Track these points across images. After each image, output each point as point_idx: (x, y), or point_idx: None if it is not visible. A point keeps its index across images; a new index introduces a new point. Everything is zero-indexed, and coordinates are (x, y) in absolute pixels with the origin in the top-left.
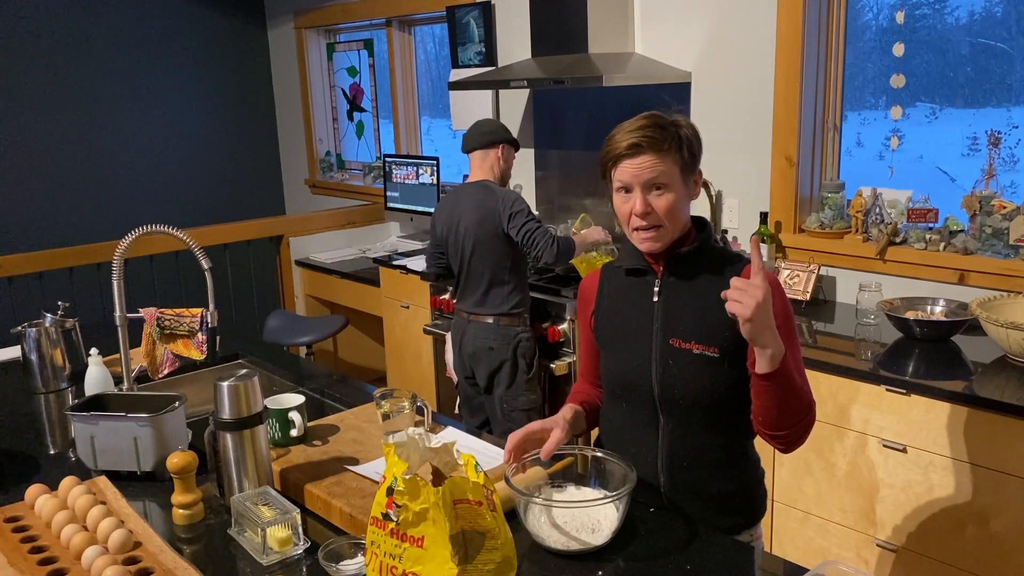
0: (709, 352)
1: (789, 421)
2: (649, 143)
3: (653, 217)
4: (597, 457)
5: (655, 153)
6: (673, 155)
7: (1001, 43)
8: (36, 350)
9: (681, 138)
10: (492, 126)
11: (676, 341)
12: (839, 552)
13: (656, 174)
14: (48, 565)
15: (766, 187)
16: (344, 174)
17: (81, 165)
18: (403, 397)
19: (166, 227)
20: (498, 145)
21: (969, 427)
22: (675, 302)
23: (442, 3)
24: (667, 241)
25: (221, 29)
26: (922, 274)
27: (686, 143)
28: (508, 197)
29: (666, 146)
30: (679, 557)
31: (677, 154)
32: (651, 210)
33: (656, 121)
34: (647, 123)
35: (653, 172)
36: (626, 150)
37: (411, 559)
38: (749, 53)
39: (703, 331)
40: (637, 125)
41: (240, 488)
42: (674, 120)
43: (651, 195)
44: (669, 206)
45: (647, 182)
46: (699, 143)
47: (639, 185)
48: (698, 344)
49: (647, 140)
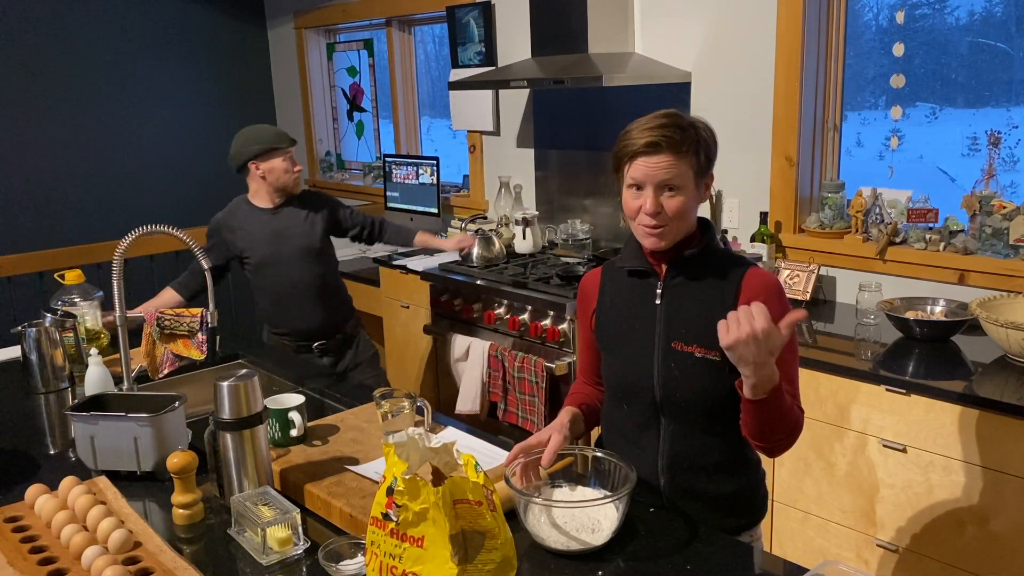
0: (711, 356)
1: (770, 438)
2: (668, 143)
3: (663, 217)
4: (597, 457)
5: (673, 154)
6: (690, 157)
7: (1001, 43)
8: (36, 350)
9: (699, 141)
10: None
11: (678, 344)
12: (839, 552)
13: (671, 175)
14: (48, 565)
15: (766, 187)
16: (344, 174)
17: (81, 165)
18: (403, 397)
19: (166, 227)
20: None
21: (969, 427)
22: (678, 305)
23: (442, 3)
24: (672, 240)
25: (221, 29)
26: (922, 274)
27: (703, 146)
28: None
29: (684, 148)
30: (679, 557)
31: (694, 157)
32: (661, 210)
33: (676, 121)
34: (667, 122)
35: (668, 173)
36: (644, 147)
37: (411, 559)
38: (749, 53)
39: (705, 335)
40: (657, 123)
41: (240, 488)
42: (692, 121)
43: (663, 195)
44: (680, 208)
45: (661, 182)
46: (715, 146)
47: (652, 184)
48: (700, 348)
49: (667, 140)
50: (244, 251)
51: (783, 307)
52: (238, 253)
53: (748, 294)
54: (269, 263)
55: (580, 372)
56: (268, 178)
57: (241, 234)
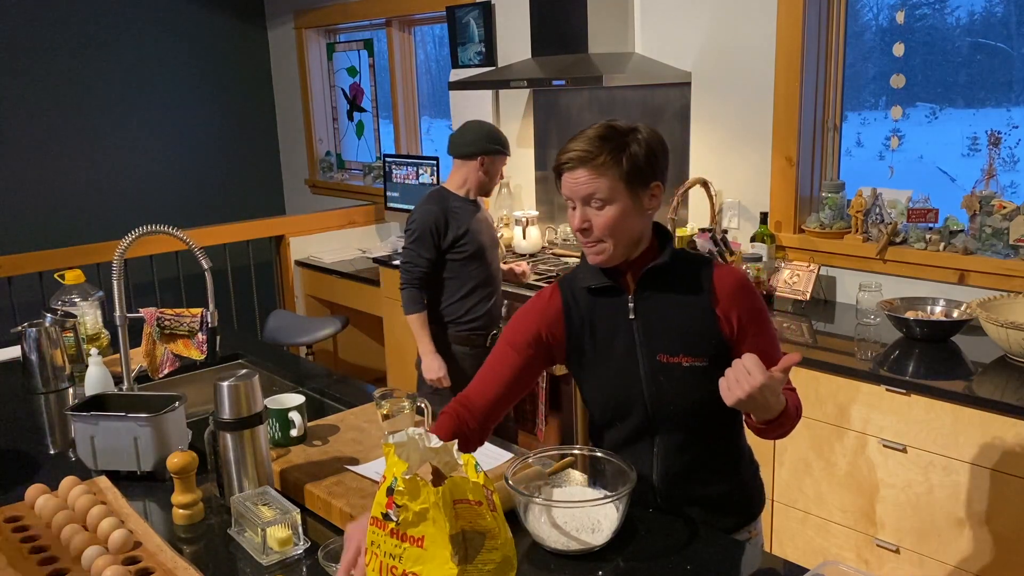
0: (699, 363)
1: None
2: (581, 159)
3: (591, 233)
4: (597, 457)
5: (590, 168)
6: (613, 169)
7: (1001, 43)
8: (36, 350)
9: (625, 150)
10: (473, 135)
11: (663, 356)
12: (839, 552)
13: (592, 189)
14: (48, 565)
15: (766, 187)
16: (344, 174)
17: (81, 165)
18: (403, 397)
19: (166, 227)
20: (476, 157)
21: (969, 427)
22: (654, 317)
23: (442, 3)
24: (618, 257)
25: (221, 29)
26: (922, 274)
27: (630, 157)
28: (413, 214)
29: (600, 160)
30: (679, 557)
31: (616, 168)
32: (589, 226)
33: (600, 133)
34: (591, 135)
35: (589, 187)
36: (563, 163)
37: (411, 559)
38: (749, 53)
39: (689, 342)
40: (580, 137)
41: (240, 488)
42: (627, 130)
43: (590, 210)
44: (609, 222)
45: (584, 197)
46: (656, 155)
47: (578, 199)
48: (686, 356)
49: (580, 155)
50: (459, 240)
51: (756, 301)
52: (450, 242)
53: (723, 295)
54: (479, 253)
55: (465, 395)
56: (487, 176)
57: (458, 222)
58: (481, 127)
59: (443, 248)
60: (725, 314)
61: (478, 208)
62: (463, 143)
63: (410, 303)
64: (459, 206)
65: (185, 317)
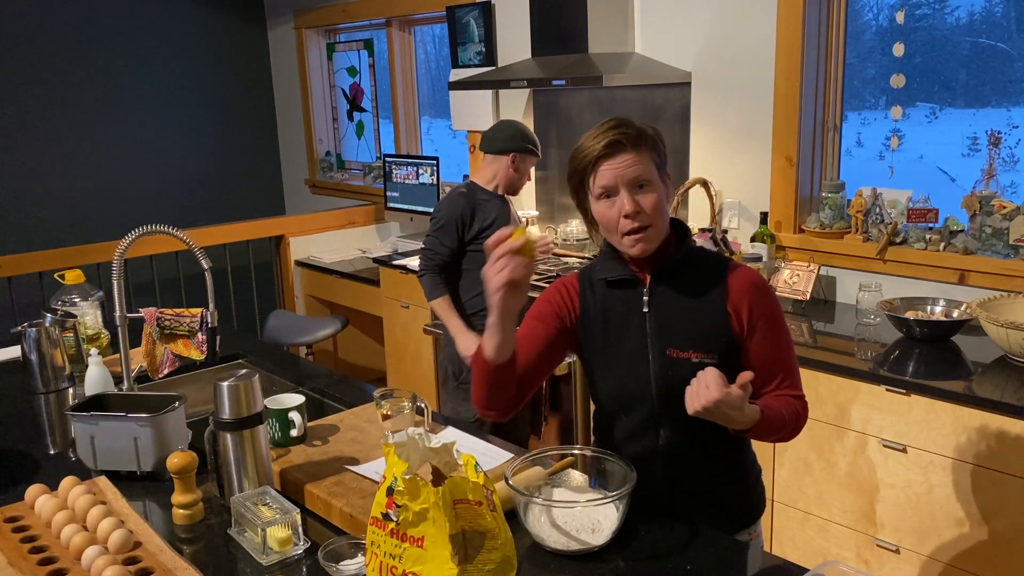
0: (708, 359)
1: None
2: (628, 139)
3: (643, 216)
4: (597, 457)
5: (634, 150)
6: (649, 152)
7: (1001, 43)
8: (36, 350)
9: (651, 136)
10: (507, 133)
11: (673, 351)
12: (839, 552)
13: (640, 171)
14: (48, 565)
15: (766, 187)
16: (344, 174)
17: (81, 165)
18: (403, 397)
19: (166, 227)
20: (508, 154)
21: (969, 427)
22: (667, 311)
23: (442, 3)
24: (657, 242)
25: (221, 29)
26: (922, 274)
27: (657, 141)
28: (440, 204)
29: (642, 143)
30: (679, 557)
31: (652, 151)
32: (640, 209)
33: (625, 121)
34: (617, 123)
35: (636, 169)
36: (604, 150)
37: (411, 559)
38: (749, 53)
39: (700, 338)
40: (609, 126)
41: (240, 488)
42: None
43: (637, 194)
44: (655, 203)
45: (632, 180)
46: (664, 145)
47: (624, 185)
48: (696, 352)
49: (625, 137)
50: (484, 231)
51: (770, 303)
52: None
53: (735, 294)
54: None
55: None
56: (516, 173)
57: (484, 214)
58: (514, 126)
59: (466, 239)
60: (736, 311)
61: (505, 204)
62: (497, 139)
63: (431, 288)
64: (487, 199)
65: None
